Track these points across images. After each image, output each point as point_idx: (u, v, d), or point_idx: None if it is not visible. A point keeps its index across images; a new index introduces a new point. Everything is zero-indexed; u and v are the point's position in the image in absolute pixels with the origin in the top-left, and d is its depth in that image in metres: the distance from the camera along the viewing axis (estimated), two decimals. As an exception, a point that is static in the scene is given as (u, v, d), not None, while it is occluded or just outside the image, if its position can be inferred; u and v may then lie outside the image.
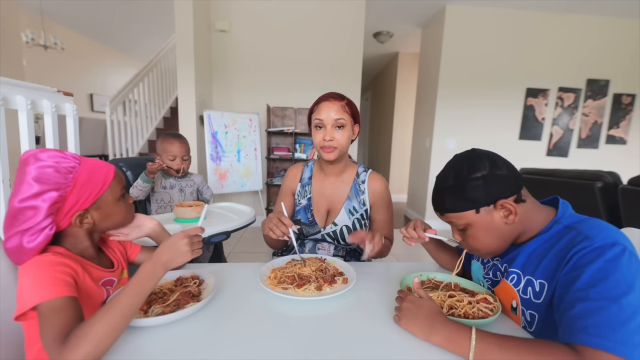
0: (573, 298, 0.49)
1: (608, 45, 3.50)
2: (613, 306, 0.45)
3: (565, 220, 0.60)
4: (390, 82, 5.34)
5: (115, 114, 3.36)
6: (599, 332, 0.44)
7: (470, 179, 0.60)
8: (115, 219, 0.65)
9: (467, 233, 0.65)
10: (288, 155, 3.29)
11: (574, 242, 0.54)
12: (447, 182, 0.64)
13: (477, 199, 0.60)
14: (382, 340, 0.56)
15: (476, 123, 3.56)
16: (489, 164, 0.61)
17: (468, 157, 0.64)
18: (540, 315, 0.60)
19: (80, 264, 0.59)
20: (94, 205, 0.60)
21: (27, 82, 1.13)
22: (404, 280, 0.76)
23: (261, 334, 0.57)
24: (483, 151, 0.64)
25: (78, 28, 5.05)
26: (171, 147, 1.44)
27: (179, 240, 0.59)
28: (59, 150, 0.59)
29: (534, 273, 0.61)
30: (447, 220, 0.67)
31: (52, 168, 0.55)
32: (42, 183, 0.54)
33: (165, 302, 0.63)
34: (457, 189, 0.62)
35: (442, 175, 0.66)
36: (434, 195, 0.68)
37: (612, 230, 0.53)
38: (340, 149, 0.97)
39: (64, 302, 0.49)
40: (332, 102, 0.96)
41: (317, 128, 0.98)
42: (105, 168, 0.63)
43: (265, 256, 2.71)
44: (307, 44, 3.31)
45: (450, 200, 0.63)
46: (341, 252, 1.07)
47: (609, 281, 0.47)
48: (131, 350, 0.52)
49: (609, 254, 0.49)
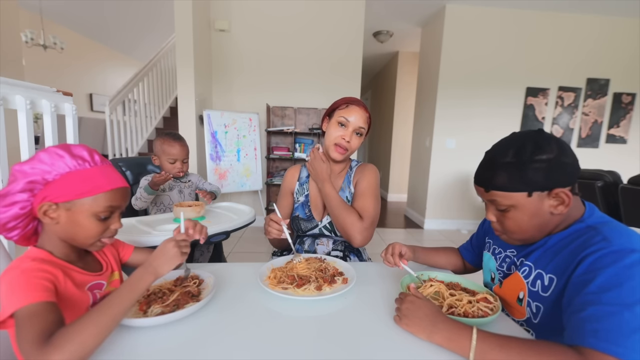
0: (584, 301, 0.48)
1: (608, 45, 3.49)
2: (626, 313, 0.44)
3: (589, 220, 0.59)
4: (390, 82, 5.33)
5: (114, 114, 3.35)
6: (608, 337, 0.43)
7: (535, 160, 0.56)
8: (80, 233, 0.58)
9: (507, 214, 0.61)
10: (288, 154, 3.29)
11: (590, 242, 0.53)
12: (505, 158, 0.59)
13: (535, 182, 0.57)
14: (382, 340, 0.56)
15: (476, 122, 3.55)
16: (558, 148, 0.57)
17: (535, 136, 0.59)
18: (545, 307, 0.60)
19: (62, 269, 0.57)
20: (66, 203, 0.56)
21: (27, 82, 1.13)
22: (404, 279, 0.76)
23: (261, 333, 0.57)
24: (551, 134, 0.60)
25: (78, 28, 5.04)
26: (172, 149, 1.40)
27: (167, 245, 0.59)
28: (89, 148, 0.60)
29: (546, 267, 0.60)
30: (489, 198, 0.63)
31: (61, 155, 0.55)
32: (42, 162, 0.54)
33: (164, 302, 0.62)
34: (515, 167, 0.57)
35: (498, 150, 0.61)
36: (481, 169, 0.63)
37: (633, 236, 0.52)
38: (350, 152, 1.02)
39: (43, 307, 0.48)
40: (362, 110, 1.00)
41: (340, 125, 1.00)
42: (105, 180, 0.58)
43: (265, 256, 2.71)
44: (307, 44, 3.30)
45: (503, 177, 0.59)
46: (340, 247, 1.08)
47: (624, 287, 0.46)
48: (130, 350, 0.52)
49: (626, 260, 0.48)
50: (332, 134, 1.00)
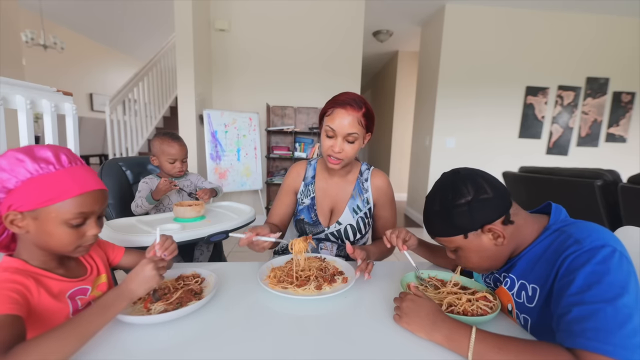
0: (568, 303, 0.49)
1: (607, 44, 3.49)
2: (609, 308, 0.45)
3: (555, 225, 0.60)
4: (390, 81, 5.33)
5: (114, 114, 3.35)
6: (597, 336, 0.44)
7: (455, 205, 0.60)
8: (53, 242, 0.54)
9: (459, 254, 0.66)
10: (288, 154, 3.29)
11: (564, 246, 0.54)
12: (434, 207, 0.64)
13: (463, 225, 0.60)
14: (382, 339, 0.57)
15: (476, 121, 3.55)
16: (473, 188, 0.60)
17: (452, 180, 0.63)
18: (532, 319, 0.60)
19: (37, 278, 0.54)
20: (32, 212, 0.52)
21: (27, 82, 1.13)
22: (404, 278, 0.76)
23: (261, 333, 0.58)
24: (467, 173, 0.63)
25: (78, 28, 5.04)
26: (171, 149, 1.38)
27: (144, 267, 0.58)
28: (56, 147, 0.56)
29: (528, 278, 0.61)
30: (438, 242, 0.68)
31: (20, 160, 0.51)
32: (0, 169, 0.51)
33: (168, 300, 0.63)
34: (443, 215, 0.62)
35: (429, 199, 0.66)
36: (424, 219, 0.69)
37: (601, 232, 0.53)
38: (347, 161, 0.93)
39: (5, 319, 0.45)
40: (349, 111, 0.87)
41: (327, 136, 0.90)
42: (73, 183, 0.53)
43: (265, 256, 2.70)
44: (307, 43, 3.30)
45: (438, 225, 0.64)
46: (343, 253, 1.05)
47: (603, 284, 0.47)
48: (134, 347, 0.52)
49: (599, 257, 0.49)
50: (323, 145, 0.92)
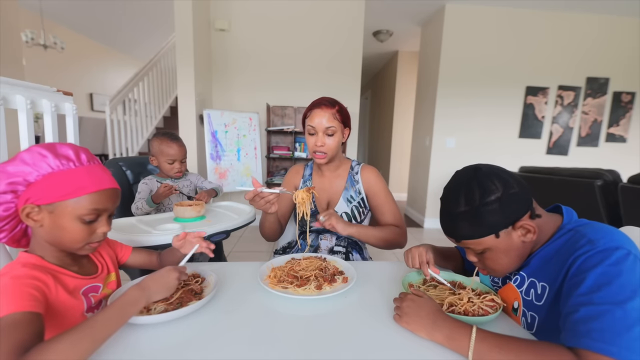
0: (577, 302, 0.49)
1: (608, 44, 3.49)
2: (618, 311, 0.44)
3: (570, 225, 0.60)
4: (390, 81, 5.33)
5: (115, 114, 3.36)
6: (603, 337, 0.43)
7: (485, 203, 0.57)
8: (65, 236, 0.56)
9: (485, 256, 0.62)
10: (288, 154, 3.29)
11: (577, 246, 0.53)
12: (459, 208, 0.60)
13: (495, 224, 0.57)
14: (383, 339, 0.57)
15: (476, 121, 3.55)
16: (501, 184, 0.57)
17: (477, 178, 0.59)
18: (540, 317, 0.60)
19: (54, 274, 0.55)
20: (49, 206, 0.53)
21: (27, 82, 1.13)
22: (405, 278, 0.76)
23: (261, 333, 0.58)
24: (489, 168, 0.61)
25: (78, 28, 5.04)
26: (170, 150, 1.38)
27: (170, 274, 0.58)
28: (76, 146, 0.57)
29: (538, 276, 0.60)
30: (464, 246, 0.64)
31: (43, 155, 0.53)
32: (24, 163, 0.52)
33: (168, 300, 0.63)
34: (472, 215, 0.58)
35: (450, 200, 0.62)
36: (444, 222, 0.64)
37: (615, 234, 0.53)
38: (331, 153, 1.04)
39: (26, 317, 0.45)
40: (324, 109, 1.02)
41: (310, 134, 1.04)
42: (90, 180, 0.55)
43: (265, 255, 2.71)
44: (307, 43, 3.30)
45: (465, 227, 0.60)
46: (343, 242, 1.11)
47: (613, 285, 0.46)
48: (134, 347, 0.52)
49: (612, 258, 0.48)
50: (309, 144, 1.05)
